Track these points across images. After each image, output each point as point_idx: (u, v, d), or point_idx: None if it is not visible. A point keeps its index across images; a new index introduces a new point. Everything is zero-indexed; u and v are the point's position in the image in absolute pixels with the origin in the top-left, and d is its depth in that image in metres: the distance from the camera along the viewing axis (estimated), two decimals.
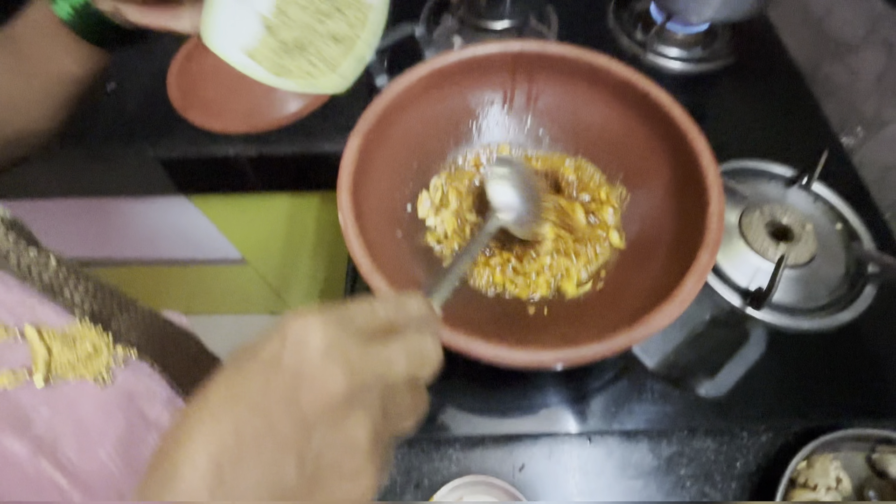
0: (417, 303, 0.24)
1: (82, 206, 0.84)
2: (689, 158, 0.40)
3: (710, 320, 0.34)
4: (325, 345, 0.19)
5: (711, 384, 0.29)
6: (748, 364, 0.30)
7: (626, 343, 0.32)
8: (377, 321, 0.21)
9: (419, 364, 0.21)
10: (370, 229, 0.39)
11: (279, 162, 0.69)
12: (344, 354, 0.19)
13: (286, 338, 0.19)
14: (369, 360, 0.19)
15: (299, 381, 0.18)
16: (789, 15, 0.74)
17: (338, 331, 0.19)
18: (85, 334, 0.32)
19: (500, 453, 0.49)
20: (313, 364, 0.18)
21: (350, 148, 0.40)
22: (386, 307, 0.22)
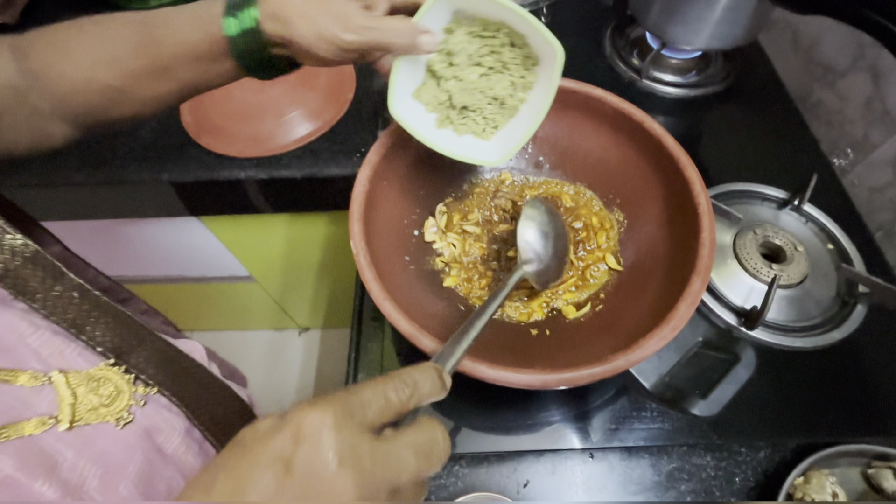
0: (430, 382, 0.24)
1: (98, 228, 0.86)
2: (682, 186, 0.42)
3: (704, 340, 0.36)
4: (338, 450, 0.19)
5: (706, 403, 0.31)
6: (742, 381, 0.32)
7: (624, 365, 0.33)
8: (390, 409, 0.22)
9: (428, 464, 0.21)
10: (380, 256, 0.41)
11: (287, 184, 0.72)
12: (357, 462, 0.19)
13: (299, 435, 0.19)
14: (381, 466, 0.19)
15: (311, 488, 0.18)
16: (780, 42, 0.77)
17: (351, 432, 0.19)
18: (109, 376, 0.33)
19: (505, 470, 0.50)
20: (326, 472, 0.18)
21: (360, 178, 0.42)
22: (399, 392, 0.22)
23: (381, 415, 0.22)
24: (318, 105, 0.74)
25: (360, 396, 0.21)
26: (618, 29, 0.76)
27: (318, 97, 0.75)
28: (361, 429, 0.20)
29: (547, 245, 0.42)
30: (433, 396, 0.24)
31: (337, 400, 0.20)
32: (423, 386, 0.24)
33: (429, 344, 0.35)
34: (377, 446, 0.20)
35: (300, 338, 1.43)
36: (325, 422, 0.19)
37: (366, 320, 0.57)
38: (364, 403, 0.21)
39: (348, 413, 0.20)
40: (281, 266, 1.02)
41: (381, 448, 0.20)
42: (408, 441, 0.21)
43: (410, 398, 0.23)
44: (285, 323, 1.35)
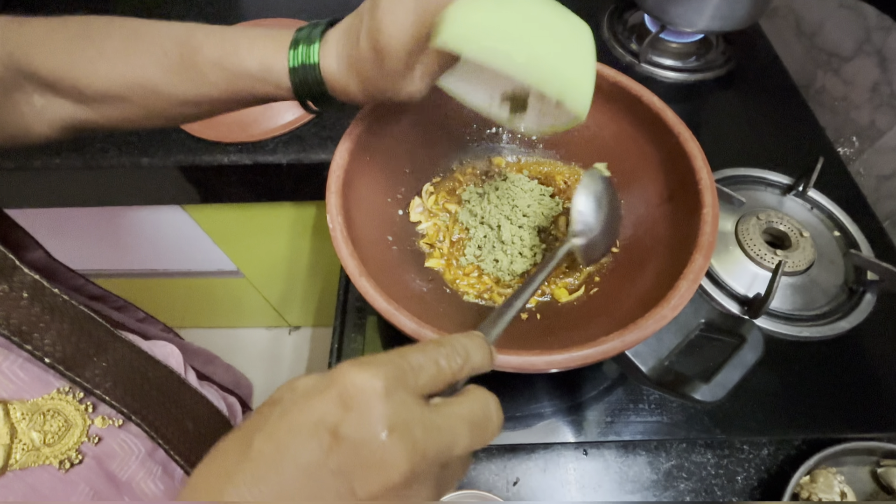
0: (481, 351, 0.22)
1: (75, 217, 0.83)
2: (682, 162, 0.39)
3: (707, 322, 0.33)
4: (389, 419, 0.17)
5: (709, 388, 0.28)
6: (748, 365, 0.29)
7: (620, 347, 0.31)
8: (443, 377, 0.20)
9: (481, 437, 0.20)
10: (360, 233, 0.39)
11: (274, 170, 0.69)
12: (408, 433, 0.17)
13: (347, 400, 0.17)
14: (434, 439, 0.18)
15: (359, 459, 0.17)
16: (782, 29, 0.75)
17: (403, 400, 0.18)
18: (59, 407, 0.29)
19: (494, 467, 0.48)
20: (376, 443, 0.17)
21: (340, 150, 0.39)
22: (451, 360, 0.20)
23: (433, 383, 0.20)
24: None
25: (410, 361, 0.19)
26: (616, 13, 0.74)
27: None
28: (413, 396, 0.18)
29: (600, 218, 0.39)
30: (483, 368, 0.22)
31: (387, 362, 0.19)
32: (474, 355, 0.22)
33: (408, 323, 0.32)
34: (429, 417, 0.18)
35: (290, 336, 1.40)
36: (375, 387, 0.18)
37: (350, 311, 0.54)
38: (415, 369, 0.19)
39: (400, 378, 0.18)
40: (269, 261, 0.99)
41: (433, 419, 0.18)
42: (461, 412, 0.19)
43: (462, 367, 0.21)
44: (275, 321, 1.32)
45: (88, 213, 0.82)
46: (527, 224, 0.45)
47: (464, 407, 0.20)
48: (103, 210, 0.82)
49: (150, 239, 0.91)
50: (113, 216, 0.84)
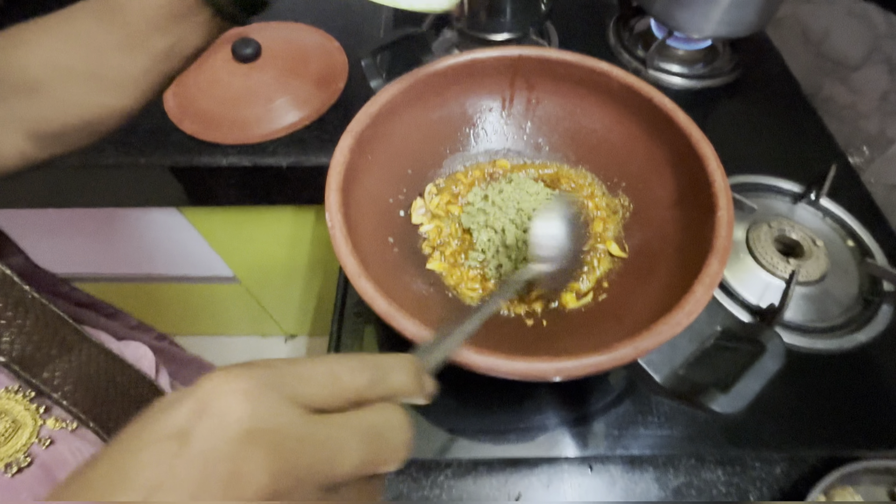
0: (403, 369, 0.19)
1: (68, 219, 0.82)
2: (695, 164, 0.38)
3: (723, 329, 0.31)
4: (249, 424, 0.15)
5: (727, 398, 0.27)
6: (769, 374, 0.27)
7: (633, 354, 0.29)
8: (339, 392, 0.17)
9: (378, 454, 0.17)
10: (360, 233, 0.37)
11: (273, 173, 0.68)
12: (273, 439, 0.15)
13: (203, 407, 0.15)
14: (309, 449, 0.15)
15: (208, 470, 0.14)
16: (788, 38, 0.74)
17: (271, 404, 0.15)
18: (8, 408, 0.28)
19: (495, 481, 0.46)
20: (229, 450, 0.14)
21: (341, 147, 0.38)
22: (355, 374, 0.17)
23: (325, 397, 0.17)
24: (308, 93, 0.71)
25: (297, 368, 0.17)
26: (622, 20, 0.74)
27: (308, 84, 0.72)
28: (289, 404, 0.16)
29: (566, 245, 0.35)
30: (407, 392, 0.19)
31: (265, 366, 0.16)
32: (393, 376, 0.18)
33: (409, 326, 0.30)
34: (307, 427, 0.16)
35: (286, 345, 1.37)
36: (236, 388, 0.15)
37: (348, 316, 0.52)
38: (301, 376, 0.16)
39: (274, 383, 0.16)
40: (266, 267, 0.97)
41: (312, 429, 0.16)
42: (352, 423, 0.16)
43: (373, 386, 0.18)
44: (271, 329, 1.30)
45: (82, 214, 0.81)
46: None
47: (357, 418, 0.17)
48: (97, 212, 0.80)
49: (145, 242, 0.89)
50: (107, 218, 0.82)
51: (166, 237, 0.88)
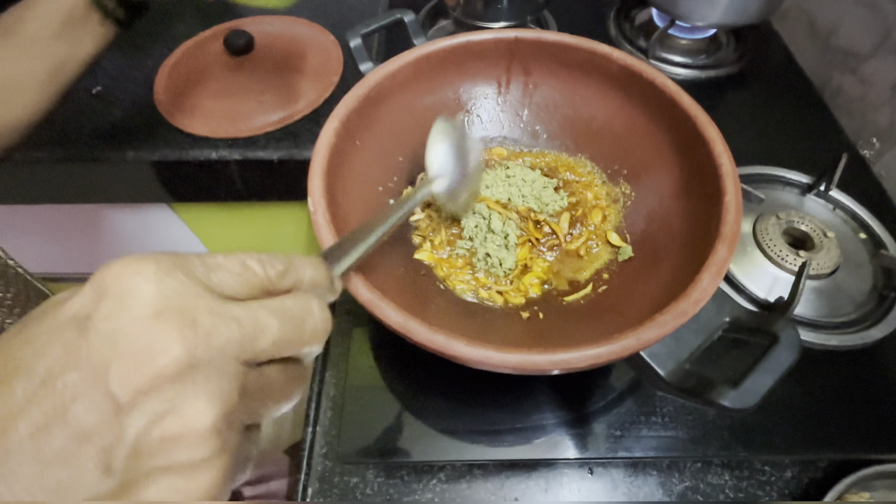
0: (313, 265, 0.19)
1: (52, 216, 0.80)
2: (701, 148, 0.36)
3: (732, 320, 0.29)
4: (155, 302, 0.14)
5: (738, 393, 0.24)
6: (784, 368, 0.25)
7: (635, 345, 0.27)
8: (250, 278, 0.16)
9: (296, 332, 0.16)
10: (346, 220, 0.35)
11: (265, 167, 0.66)
12: (184, 314, 0.14)
13: (103, 291, 0.14)
14: (225, 323, 0.14)
15: (114, 350, 0.13)
16: (794, 31, 0.72)
17: (179, 285, 0.14)
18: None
19: (490, 485, 0.43)
20: (137, 328, 0.13)
21: (326, 130, 0.36)
22: (264, 264, 0.17)
23: (235, 282, 0.16)
24: (302, 86, 0.70)
25: (205, 257, 0.16)
26: (622, 10, 0.72)
27: (302, 77, 0.70)
28: (198, 285, 0.15)
29: (458, 162, 0.37)
30: (317, 286, 0.19)
31: (170, 254, 0.15)
32: (302, 268, 0.18)
33: (393, 315, 0.28)
34: (220, 304, 0.15)
35: None
36: (141, 270, 0.14)
37: (339, 314, 0.50)
38: (207, 263, 0.16)
39: (181, 265, 0.15)
40: None
41: (227, 307, 0.15)
42: (268, 304, 0.16)
43: (283, 275, 0.17)
44: None
45: (66, 211, 0.79)
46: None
47: (273, 301, 0.16)
48: (82, 208, 0.78)
49: (134, 241, 0.87)
50: (93, 215, 0.81)
51: (157, 235, 0.86)
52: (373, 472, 0.44)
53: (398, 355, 0.46)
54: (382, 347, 0.47)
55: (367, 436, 0.43)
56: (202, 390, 0.14)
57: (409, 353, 0.46)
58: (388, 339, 0.47)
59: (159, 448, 0.13)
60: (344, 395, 0.44)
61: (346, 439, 0.42)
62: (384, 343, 0.47)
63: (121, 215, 0.82)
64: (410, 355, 0.46)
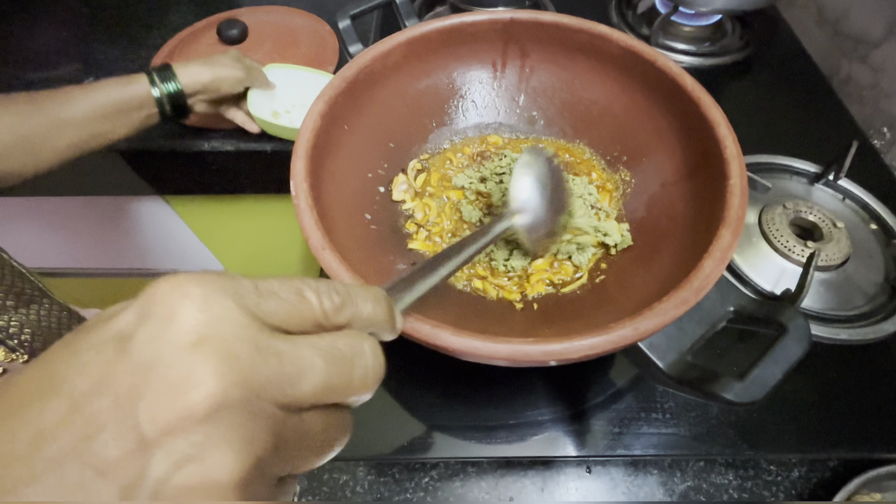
0: (373, 299, 0.17)
1: (45, 208, 0.79)
2: (704, 131, 0.34)
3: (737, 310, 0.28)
4: (199, 330, 0.13)
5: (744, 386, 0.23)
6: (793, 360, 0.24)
7: (632, 335, 0.25)
8: (303, 310, 0.15)
9: (344, 377, 0.15)
10: (331, 206, 0.34)
11: (257, 158, 0.65)
12: (225, 347, 0.13)
13: (148, 312, 0.13)
14: (265, 358, 0.13)
15: (147, 377, 0.12)
16: (802, 18, 0.70)
17: (226, 312, 0.13)
18: None
19: (485, 483, 0.42)
20: (175, 356, 0.12)
21: (311, 112, 0.35)
22: (321, 296, 0.15)
23: (287, 312, 0.15)
24: None
25: (259, 282, 0.14)
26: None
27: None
28: (247, 314, 0.13)
29: (544, 198, 0.34)
30: (376, 324, 0.17)
31: (222, 276, 0.14)
32: (361, 303, 0.16)
33: None
34: (266, 339, 0.13)
35: None
36: (188, 292, 0.13)
37: None
38: (261, 291, 0.14)
39: (228, 291, 0.14)
40: (260, 262, 0.94)
41: (272, 343, 0.14)
42: (316, 342, 0.14)
43: (340, 309, 0.16)
44: None
45: (57, 204, 0.78)
46: None
47: (323, 339, 0.15)
48: (76, 200, 0.77)
49: (129, 234, 0.86)
50: (85, 208, 0.79)
51: (152, 229, 0.85)
52: (363, 469, 0.43)
53: (389, 348, 0.45)
54: (381, 344, 0.45)
55: (357, 432, 0.41)
56: (232, 437, 0.12)
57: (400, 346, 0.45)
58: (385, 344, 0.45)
59: (179, 496, 0.12)
60: None
61: None
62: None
63: (116, 209, 0.80)
64: (402, 348, 0.44)
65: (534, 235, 0.34)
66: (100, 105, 0.44)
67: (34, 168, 0.42)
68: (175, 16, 0.77)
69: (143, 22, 0.76)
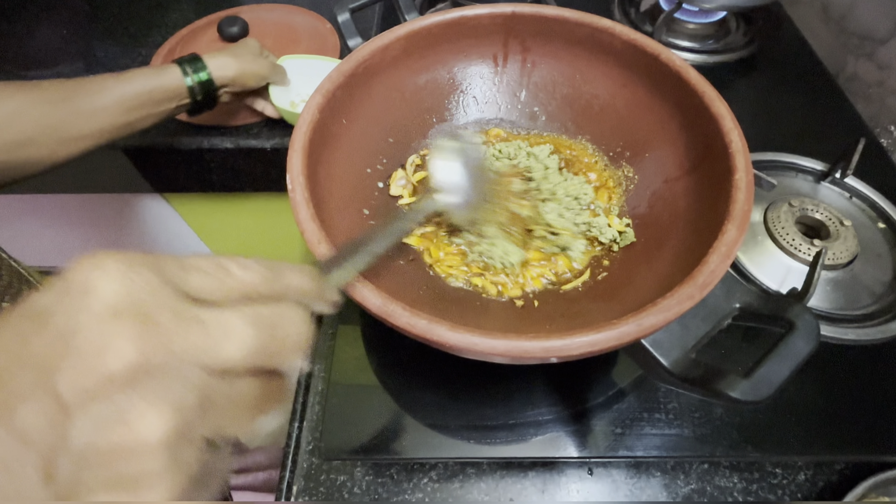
0: (300, 272, 0.17)
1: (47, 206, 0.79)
2: (709, 125, 0.33)
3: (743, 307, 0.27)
4: (118, 299, 0.13)
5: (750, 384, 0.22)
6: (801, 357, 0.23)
7: (635, 332, 0.25)
8: (228, 283, 0.15)
9: (271, 341, 0.15)
10: (328, 200, 0.33)
11: (257, 155, 0.64)
12: (143, 313, 0.13)
13: (69, 286, 0.13)
14: (186, 323, 0.14)
15: (64, 347, 0.12)
16: (807, 16, 0.69)
17: (146, 284, 0.14)
18: None
19: (484, 485, 0.41)
20: (91, 324, 0.13)
21: (309, 106, 0.34)
22: (246, 268, 0.16)
23: (211, 285, 0.15)
24: None
25: (181, 258, 0.15)
26: None
27: None
28: (167, 286, 0.14)
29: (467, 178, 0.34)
30: (305, 295, 0.17)
31: (136, 253, 0.14)
32: (288, 276, 0.17)
33: (372, 298, 0.26)
34: (188, 308, 0.14)
35: None
36: (106, 267, 0.13)
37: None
38: (186, 266, 0.15)
39: (149, 265, 0.14)
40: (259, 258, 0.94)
41: (195, 311, 0.14)
42: (241, 310, 0.15)
43: (267, 282, 0.16)
44: None
45: (59, 200, 0.78)
46: None
47: (248, 308, 0.15)
48: (74, 198, 0.77)
49: (128, 232, 0.86)
50: (86, 205, 0.79)
51: (152, 227, 0.85)
52: (361, 469, 0.42)
53: (388, 347, 0.44)
54: (371, 340, 0.45)
55: (355, 432, 0.40)
56: (155, 399, 0.13)
57: (398, 345, 0.44)
58: (378, 332, 0.44)
59: (105, 459, 0.12)
60: (331, 389, 0.42)
61: (333, 435, 0.40)
62: (373, 335, 0.45)
63: (115, 207, 0.80)
64: (400, 347, 0.44)
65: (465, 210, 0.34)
66: (132, 95, 0.44)
67: (65, 155, 0.42)
68: (176, 14, 0.77)
69: (144, 20, 0.76)
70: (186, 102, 0.48)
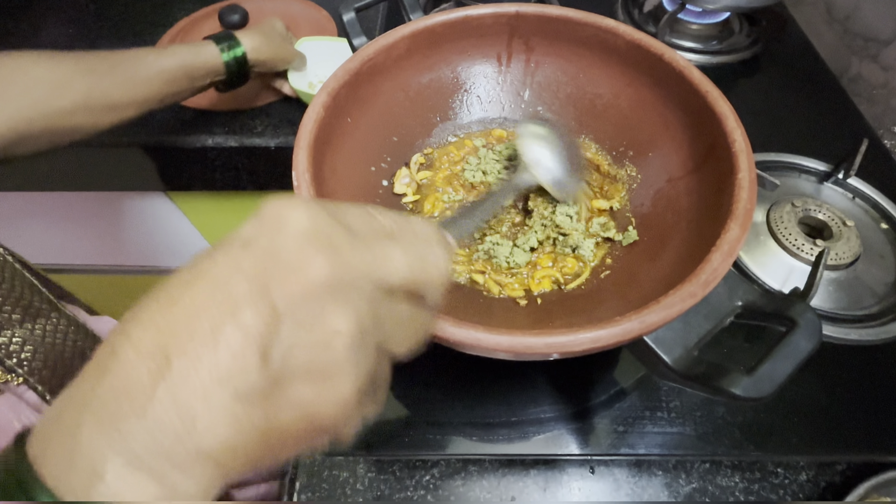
0: (425, 222, 0.20)
1: (51, 205, 0.79)
2: (712, 124, 0.34)
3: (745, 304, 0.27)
4: (307, 227, 0.16)
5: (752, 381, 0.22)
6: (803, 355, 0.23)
7: (638, 329, 0.25)
8: (374, 225, 0.18)
9: (422, 272, 0.18)
10: (331, 197, 0.33)
11: (262, 154, 0.65)
12: (330, 240, 0.16)
13: (265, 219, 0.16)
14: (361, 252, 0.16)
15: (272, 263, 0.15)
16: (811, 16, 0.69)
17: (326, 221, 0.16)
18: None
19: (486, 482, 0.41)
20: (291, 246, 0.15)
21: (314, 104, 0.34)
22: (386, 216, 0.19)
23: (362, 225, 0.18)
24: None
25: (339, 205, 0.18)
26: None
27: None
28: (338, 221, 0.17)
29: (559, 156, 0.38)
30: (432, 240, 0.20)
31: (311, 199, 0.17)
32: (417, 223, 0.20)
33: None
34: (357, 239, 0.17)
35: None
36: (294, 205, 0.16)
37: None
38: (344, 210, 0.18)
39: (325, 207, 0.17)
40: None
41: (361, 242, 0.17)
42: (396, 246, 0.18)
43: (402, 227, 0.19)
44: None
45: (62, 198, 0.78)
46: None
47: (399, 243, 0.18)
48: (77, 196, 0.77)
49: (131, 230, 0.86)
50: (89, 203, 0.79)
51: (154, 225, 0.85)
52: (363, 466, 0.42)
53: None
54: None
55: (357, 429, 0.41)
56: (343, 304, 0.15)
57: None
58: None
59: (305, 350, 0.15)
60: None
61: None
62: None
63: (118, 205, 0.80)
64: None
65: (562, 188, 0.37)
66: (174, 67, 0.47)
67: (108, 122, 0.45)
68: (180, 13, 0.77)
69: (149, 19, 0.76)
70: (221, 79, 0.52)
